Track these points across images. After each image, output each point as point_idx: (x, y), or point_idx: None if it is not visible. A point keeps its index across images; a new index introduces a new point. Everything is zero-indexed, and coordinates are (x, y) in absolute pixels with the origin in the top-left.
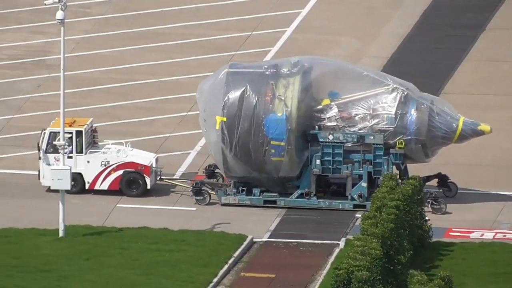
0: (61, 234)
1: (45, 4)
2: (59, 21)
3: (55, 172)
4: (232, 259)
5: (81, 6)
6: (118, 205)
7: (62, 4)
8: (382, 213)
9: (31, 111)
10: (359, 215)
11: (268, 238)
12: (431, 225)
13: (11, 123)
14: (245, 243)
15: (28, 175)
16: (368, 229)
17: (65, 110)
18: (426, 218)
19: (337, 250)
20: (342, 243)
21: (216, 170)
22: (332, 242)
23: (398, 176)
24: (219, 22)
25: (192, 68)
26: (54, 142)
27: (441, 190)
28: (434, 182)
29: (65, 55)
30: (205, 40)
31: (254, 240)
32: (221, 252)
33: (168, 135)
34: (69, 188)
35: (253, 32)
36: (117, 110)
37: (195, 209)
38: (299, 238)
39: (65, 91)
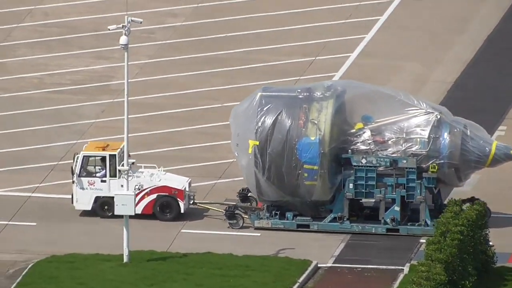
0: (125, 259)
1: (109, 30)
2: (123, 46)
3: (119, 197)
4: (297, 284)
5: (145, 31)
6: (182, 230)
7: (125, 29)
8: (447, 238)
9: (95, 136)
10: (423, 241)
11: (333, 263)
12: (495, 250)
13: (75, 148)
14: (309, 269)
15: None
16: (433, 254)
17: (129, 135)
18: (490, 243)
19: (401, 276)
20: (406, 269)
21: (250, 194)
22: (397, 267)
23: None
24: (282, 47)
25: None
26: (118, 168)
27: None
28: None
29: (129, 80)
30: (268, 65)
31: (318, 265)
32: (285, 278)
33: (232, 160)
34: (133, 213)
35: (317, 57)
36: (180, 135)
37: (259, 234)
38: (364, 264)
39: (129, 116)
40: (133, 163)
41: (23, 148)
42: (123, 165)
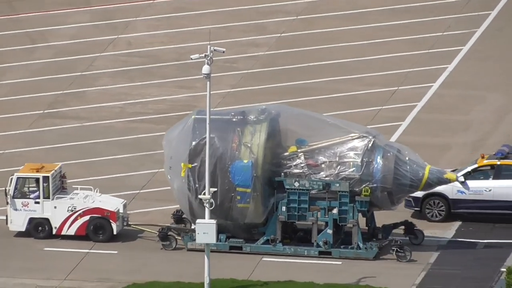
0: (206, 287)
1: (191, 59)
2: (205, 75)
3: (200, 225)
4: None
5: (227, 60)
6: (263, 258)
7: (208, 59)
8: None
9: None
10: (504, 269)
11: None
12: None
13: (157, 177)
14: None
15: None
16: None
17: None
18: None
19: None
20: None
21: (184, 216)
22: None
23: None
24: (363, 77)
25: None
26: (200, 196)
27: (407, 238)
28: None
29: (211, 109)
30: (349, 95)
31: None
32: None
33: None
34: (214, 241)
35: (399, 87)
36: None
37: (340, 263)
38: None
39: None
40: (215, 191)
41: (105, 177)
42: (204, 194)
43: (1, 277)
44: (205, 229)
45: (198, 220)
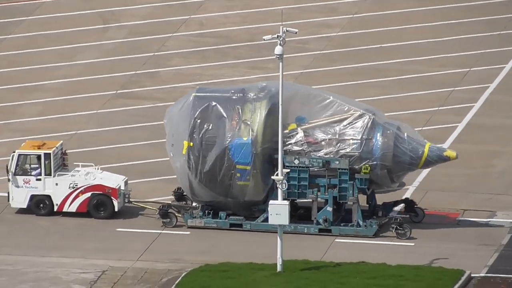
0: (279, 268)
1: (264, 40)
2: (278, 56)
3: (273, 207)
4: None
5: (299, 41)
6: (336, 240)
7: (281, 39)
8: None
9: None
10: None
11: (486, 273)
12: None
13: None
14: (462, 278)
15: None
16: None
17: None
18: None
19: None
20: None
21: (185, 193)
22: None
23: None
24: (437, 59)
25: (409, 104)
26: (272, 177)
27: (407, 216)
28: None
29: (284, 90)
30: (423, 76)
31: (472, 275)
32: None
33: None
34: (287, 223)
35: (472, 69)
36: None
37: (413, 244)
38: None
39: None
40: (287, 173)
41: None
42: (277, 175)
43: (74, 257)
44: (278, 210)
45: (271, 202)
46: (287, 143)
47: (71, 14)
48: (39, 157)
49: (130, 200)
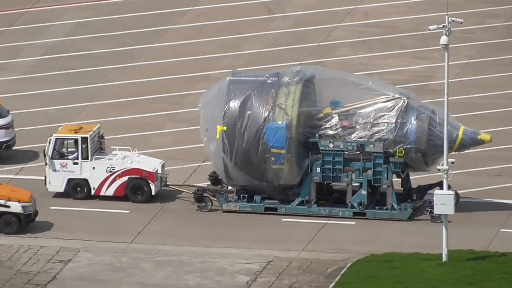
0: (444, 258)
1: (429, 30)
2: (443, 46)
3: (439, 196)
4: None
5: (465, 31)
6: (501, 229)
7: (446, 29)
8: None
9: None
10: None
11: None
12: None
13: None
14: None
15: None
16: None
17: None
18: None
19: None
20: None
21: (220, 177)
22: None
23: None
24: None
25: None
26: (438, 167)
27: None
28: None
29: (449, 80)
30: None
31: None
32: None
33: None
34: (452, 213)
35: None
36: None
37: None
38: None
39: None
40: (452, 162)
41: None
42: (442, 164)
43: (240, 248)
44: (443, 200)
45: (436, 191)
46: (321, 126)
47: (236, 4)
48: (76, 141)
49: (167, 183)
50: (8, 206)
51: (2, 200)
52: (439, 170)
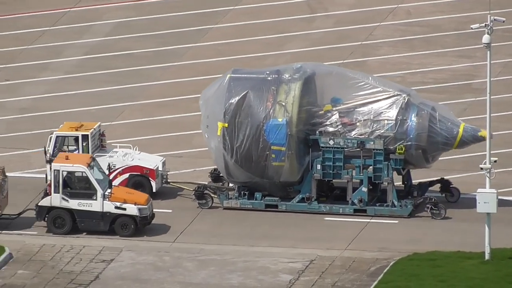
0: (487, 257)
1: (471, 28)
2: (485, 45)
3: (481, 195)
4: None
5: (507, 30)
6: None
7: (488, 28)
8: None
9: None
10: None
11: None
12: None
13: None
14: None
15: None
16: None
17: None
18: None
19: None
20: None
21: (221, 174)
22: None
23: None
24: None
25: None
26: (480, 166)
27: (443, 195)
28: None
29: (491, 79)
30: None
31: None
32: None
33: None
34: (495, 211)
35: None
36: None
37: None
38: None
39: (491, 115)
40: (495, 161)
41: None
42: (485, 163)
43: (283, 247)
44: (486, 199)
45: (479, 190)
46: (322, 123)
47: (279, 3)
48: (76, 138)
49: (168, 181)
50: (124, 209)
51: (118, 202)
52: (481, 168)
